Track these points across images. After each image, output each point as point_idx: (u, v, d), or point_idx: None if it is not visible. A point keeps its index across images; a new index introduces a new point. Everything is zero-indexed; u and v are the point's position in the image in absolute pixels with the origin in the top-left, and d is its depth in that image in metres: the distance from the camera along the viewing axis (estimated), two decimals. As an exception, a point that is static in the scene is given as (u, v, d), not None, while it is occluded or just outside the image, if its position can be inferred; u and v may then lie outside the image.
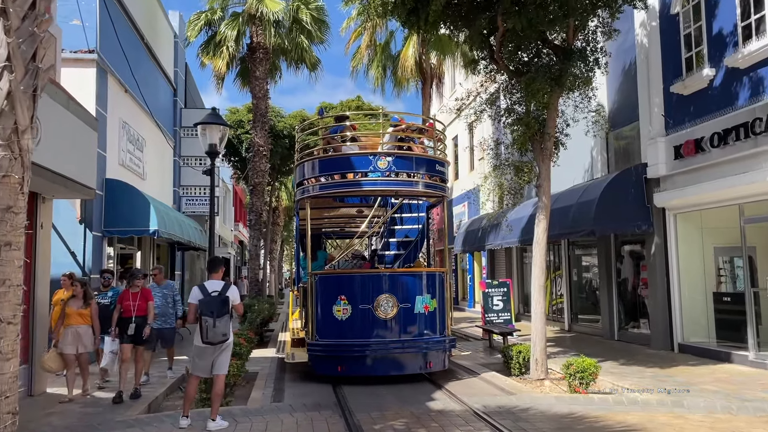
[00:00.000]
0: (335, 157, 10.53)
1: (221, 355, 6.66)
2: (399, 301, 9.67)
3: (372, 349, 9.66)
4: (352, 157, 10.29)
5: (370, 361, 9.66)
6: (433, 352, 9.95)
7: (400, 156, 10.24)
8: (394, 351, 9.73)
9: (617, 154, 13.95)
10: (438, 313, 10.14)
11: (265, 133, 17.20)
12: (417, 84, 17.10)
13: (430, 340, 9.90)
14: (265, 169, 17.26)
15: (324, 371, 9.79)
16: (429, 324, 10.02)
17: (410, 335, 9.81)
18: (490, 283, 15.56)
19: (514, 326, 15.23)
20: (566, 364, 8.70)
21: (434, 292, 10.14)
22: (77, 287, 8.63)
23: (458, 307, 26.60)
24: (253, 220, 17.19)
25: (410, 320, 9.81)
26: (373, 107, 26.83)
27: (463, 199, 25.93)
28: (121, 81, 13.70)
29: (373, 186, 10.26)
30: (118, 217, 12.50)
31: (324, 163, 10.49)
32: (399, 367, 9.78)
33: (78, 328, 8.31)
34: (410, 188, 10.51)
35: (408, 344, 9.75)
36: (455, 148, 27.92)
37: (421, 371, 9.90)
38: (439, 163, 10.77)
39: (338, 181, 10.19)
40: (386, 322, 9.66)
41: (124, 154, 13.94)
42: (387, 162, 9.96)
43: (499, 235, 17.49)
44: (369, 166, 9.98)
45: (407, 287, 9.91)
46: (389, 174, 9.98)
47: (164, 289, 9.85)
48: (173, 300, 9.93)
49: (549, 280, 17.97)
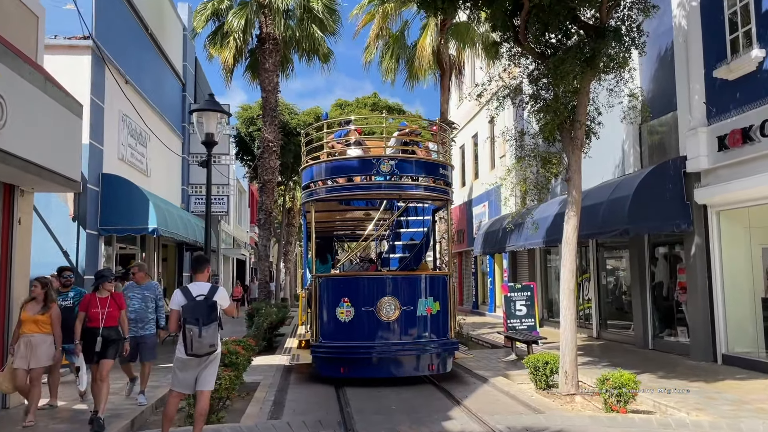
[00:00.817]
0: (339, 160, 10.67)
1: (207, 369, 5.78)
2: (401, 304, 9.74)
3: (374, 351, 9.70)
4: (355, 160, 10.48)
5: (373, 363, 9.71)
6: (435, 354, 9.98)
7: (403, 159, 10.34)
8: (397, 353, 9.78)
9: (652, 148, 12.88)
10: (441, 316, 10.14)
11: (275, 128, 16.40)
12: (435, 74, 16.15)
13: (432, 342, 9.94)
14: (275, 166, 16.45)
15: (327, 373, 9.87)
16: (431, 327, 10.03)
17: (412, 338, 9.86)
18: (512, 286, 14.56)
19: (539, 333, 14.22)
20: (601, 378, 7.70)
21: (437, 295, 10.14)
22: (36, 288, 7.12)
23: (478, 312, 25.57)
24: (262, 218, 16.39)
25: (413, 323, 9.86)
26: (390, 103, 25.99)
27: (483, 198, 24.92)
28: (121, 71, 12.98)
29: (377, 189, 10.39)
30: (116, 214, 11.75)
31: (328, 167, 10.60)
32: (401, 369, 9.82)
33: (31, 338, 6.85)
34: (413, 191, 10.65)
35: (410, 346, 9.81)
36: (475, 147, 26.92)
37: (423, 374, 9.95)
38: (442, 167, 10.82)
39: (342, 185, 10.39)
40: (389, 324, 9.74)
41: (125, 149, 13.21)
42: (390, 165, 10.04)
43: (522, 235, 16.47)
44: (372, 170, 10.09)
45: (410, 290, 9.97)
46: (392, 177, 10.06)
47: (145, 290, 8.18)
48: (155, 304, 8.24)
49: (576, 282, 16.90)
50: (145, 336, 8.01)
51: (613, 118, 11.83)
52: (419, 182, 10.42)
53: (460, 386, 9.51)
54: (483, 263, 26.93)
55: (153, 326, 8.17)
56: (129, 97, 13.58)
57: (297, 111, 24.20)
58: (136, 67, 14.06)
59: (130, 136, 13.59)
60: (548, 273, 19.24)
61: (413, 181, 10.33)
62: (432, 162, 10.93)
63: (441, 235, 16.82)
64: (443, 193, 10.91)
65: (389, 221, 12.96)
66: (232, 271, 33.36)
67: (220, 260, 27.44)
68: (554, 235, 14.47)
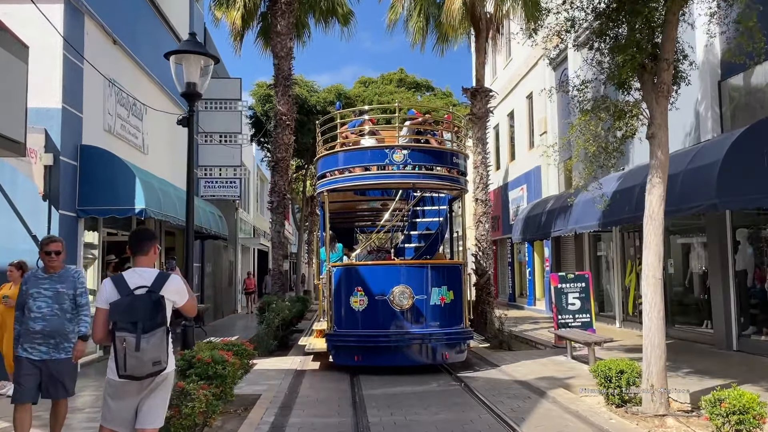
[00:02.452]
0: (352, 150, 10.69)
1: (152, 397, 3.86)
2: (415, 293, 9.73)
3: (388, 339, 9.70)
4: (368, 150, 10.52)
5: (387, 352, 9.71)
6: (449, 344, 9.97)
7: (416, 149, 10.41)
8: (410, 342, 9.79)
9: (737, 108, 10.65)
10: (455, 305, 10.12)
11: (289, 99, 14.53)
12: (469, 33, 14.03)
13: (446, 331, 9.91)
14: (289, 142, 14.58)
15: (342, 362, 9.98)
16: (445, 316, 10.01)
17: (426, 327, 9.81)
18: (564, 276, 12.48)
19: (595, 330, 12.16)
20: (711, 399, 5.66)
21: (451, 285, 10.11)
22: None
23: (515, 305, 23.43)
24: (275, 201, 14.55)
25: (426, 312, 9.84)
26: (418, 80, 23.93)
27: (521, 181, 22.76)
28: (107, 29, 11.22)
29: (389, 179, 10.46)
30: (98, 193, 10.00)
31: (341, 157, 10.67)
32: (415, 357, 9.88)
33: None
34: (427, 181, 10.69)
35: (424, 336, 9.78)
36: (510, 127, 24.72)
37: (437, 362, 9.95)
38: (456, 156, 10.90)
39: (355, 174, 10.45)
40: (402, 313, 9.74)
41: (112, 119, 11.45)
42: (403, 155, 10.09)
43: (570, 218, 14.34)
44: (385, 159, 10.14)
45: (423, 279, 9.95)
46: (405, 167, 10.10)
47: (59, 284, 5.12)
48: (74, 302, 5.20)
49: (633, 273, 14.74)
50: (59, 361, 5.03)
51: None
52: (432, 171, 10.44)
53: (512, 401, 7.53)
54: (520, 252, 24.77)
55: (72, 341, 5.17)
56: (118, 61, 11.82)
57: (317, 88, 22.30)
58: (129, 30, 12.28)
59: (120, 106, 11.84)
60: (599, 262, 17.05)
61: (427, 171, 10.35)
62: (445, 151, 10.91)
63: (477, 219, 14.78)
64: (457, 182, 10.90)
65: (404, 211, 12.77)
66: (253, 262, 31.71)
67: (238, 250, 25.79)
68: (611, 217, 12.35)
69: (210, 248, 19.35)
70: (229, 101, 17.96)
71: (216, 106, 17.95)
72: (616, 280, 15.20)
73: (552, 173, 19.69)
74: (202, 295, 18.18)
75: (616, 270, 15.27)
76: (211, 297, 19.37)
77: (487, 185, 14.84)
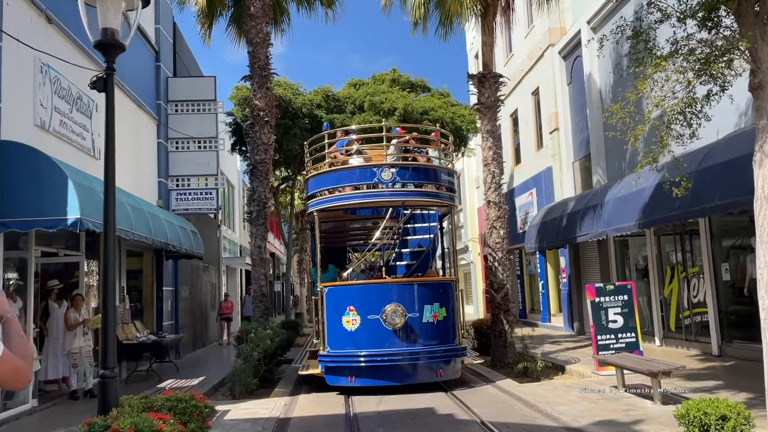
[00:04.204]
0: (340, 170, 10.76)
1: None
2: (407, 311, 9.75)
3: (381, 359, 9.62)
4: (357, 169, 10.57)
5: (381, 371, 9.67)
6: (443, 361, 10.02)
7: (404, 167, 10.49)
8: (404, 360, 9.78)
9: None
10: (448, 322, 10.18)
11: (267, 92, 12.48)
12: (476, 10, 12.04)
13: (439, 349, 9.96)
14: (269, 141, 12.50)
15: (336, 382, 9.85)
16: (438, 333, 10.06)
17: (419, 345, 9.86)
18: (601, 288, 10.38)
19: (642, 353, 10.06)
20: None
21: (443, 301, 10.18)
22: None
23: (527, 322, 21.18)
24: (254, 211, 12.41)
25: (419, 329, 9.88)
26: (412, 80, 21.99)
27: (529, 186, 20.74)
28: (37, 3, 9.17)
29: (379, 198, 10.53)
30: (17, 200, 7.85)
31: (329, 177, 10.75)
32: (410, 376, 9.87)
33: None
34: (416, 198, 10.75)
35: (417, 354, 9.82)
36: (514, 128, 22.74)
37: (432, 380, 9.88)
38: (445, 173, 11.04)
39: (344, 194, 10.54)
40: (395, 331, 9.73)
41: (47, 113, 9.34)
42: (391, 173, 10.18)
43: (599, 219, 12.31)
44: (374, 178, 10.24)
45: (415, 297, 9.99)
46: (394, 185, 10.24)
47: None
48: None
49: (675, 281, 12.65)
50: None
51: None
52: (421, 189, 10.57)
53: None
54: (530, 263, 22.68)
55: None
56: (56, 44, 9.76)
57: (302, 90, 20.27)
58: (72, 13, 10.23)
59: (58, 97, 9.74)
60: (625, 270, 14.97)
61: (415, 188, 10.50)
62: (434, 168, 10.98)
63: (491, 224, 12.73)
64: (447, 199, 10.96)
65: (394, 229, 12.69)
66: (240, 284, 29.44)
67: (221, 271, 23.57)
68: (652, 215, 10.33)
69: (187, 269, 17.16)
70: (202, 102, 15.92)
71: (187, 108, 15.91)
72: (655, 291, 13.11)
73: (566, 174, 17.69)
74: (176, 324, 15.96)
75: (654, 279, 13.19)
76: (188, 325, 17.14)
77: (501, 185, 12.78)
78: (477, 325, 14.18)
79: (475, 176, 29.71)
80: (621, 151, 13.96)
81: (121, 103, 12.52)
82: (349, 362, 9.70)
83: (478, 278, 28.93)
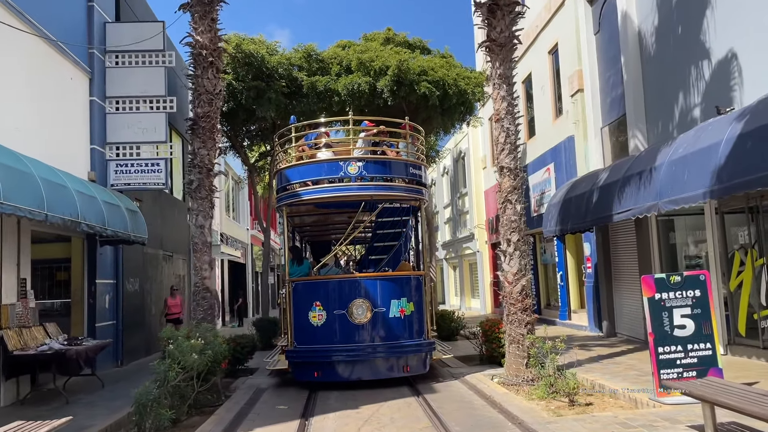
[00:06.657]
0: (307, 164, 10.72)
1: None
2: (373, 306, 9.83)
3: (347, 354, 9.68)
4: (324, 163, 10.57)
5: (346, 366, 9.78)
6: (410, 355, 10.02)
7: (371, 161, 10.51)
8: (370, 355, 9.78)
9: None
10: (415, 317, 10.17)
11: (212, 25, 9.53)
12: None
13: (406, 343, 9.95)
14: (216, 89, 9.56)
15: (302, 377, 9.97)
16: (405, 328, 10.04)
17: (385, 339, 9.86)
18: (662, 280, 7.35)
19: (722, 372, 7.13)
20: None
21: (411, 296, 10.18)
22: None
23: (544, 319, 18.09)
24: (194, 181, 9.48)
25: (385, 324, 9.89)
26: (410, 40, 19.01)
27: (545, 160, 17.73)
28: None
29: (346, 191, 10.46)
30: None
31: (297, 171, 10.71)
32: (375, 371, 9.86)
33: None
34: (384, 192, 10.64)
35: (383, 348, 9.84)
36: (527, 96, 19.67)
37: (398, 375, 9.86)
38: (413, 167, 11.01)
39: (311, 188, 10.46)
40: (361, 326, 9.78)
41: None
42: (358, 167, 10.19)
43: (647, 189, 9.34)
44: (339, 172, 10.26)
45: (382, 292, 9.99)
46: (361, 179, 10.23)
47: None
48: None
49: (748, 269, 9.66)
50: None
51: None
52: (390, 183, 10.60)
53: None
54: (546, 251, 19.67)
55: None
56: None
57: (278, 49, 17.29)
58: None
59: None
60: (675, 259, 11.94)
61: (384, 182, 10.49)
62: (402, 161, 10.94)
63: (504, 198, 9.82)
64: (416, 193, 10.96)
65: (365, 223, 12.34)
66: (221, 276, 26.54)
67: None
68: (736, 177, 7.43)
69: (138, 258, 14.25)
70: (148, 53, 12.98)
71: (129, 60, 12.97)
72: (716, 284, 10.07)
73: (593, 142, 14.68)
74: (118, 325, 13.09)
75: (715, 269, 10.19)
76: (138, 326, 14.27)
77: (517, 146, 9.83)
78: (486, 328, 11.24)
79: (481, 156, 26.66)
80: (668, 108, 10.97)
81: (24, 40, 9.61)
82: (315, 358, 9.80)
83: (485, 269, 25.90)
